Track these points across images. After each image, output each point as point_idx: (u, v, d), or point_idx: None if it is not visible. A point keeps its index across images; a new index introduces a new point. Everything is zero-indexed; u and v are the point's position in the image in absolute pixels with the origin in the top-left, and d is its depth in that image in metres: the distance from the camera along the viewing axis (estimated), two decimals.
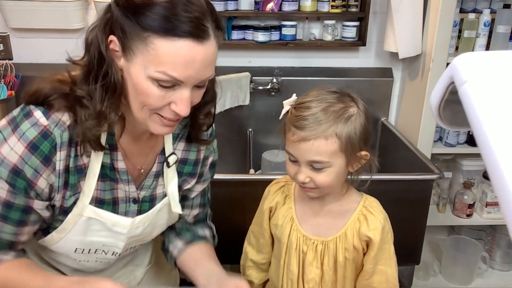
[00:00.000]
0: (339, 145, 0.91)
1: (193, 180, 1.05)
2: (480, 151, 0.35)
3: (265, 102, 2.03)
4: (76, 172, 0.86)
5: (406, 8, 1.76)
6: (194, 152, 1.02)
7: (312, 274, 1.02)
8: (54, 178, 0.84)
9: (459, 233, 2.21)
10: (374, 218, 0.99)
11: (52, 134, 0.81)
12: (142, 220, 0.98)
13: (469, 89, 0.36)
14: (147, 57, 0.76)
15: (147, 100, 0.80)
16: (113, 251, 0.99)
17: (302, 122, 0.91)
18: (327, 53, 2.05)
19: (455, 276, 2.07)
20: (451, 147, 1.97)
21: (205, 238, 1.11)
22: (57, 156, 0.82)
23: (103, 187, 0.91)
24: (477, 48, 1.86)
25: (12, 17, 1.85)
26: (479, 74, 0.36)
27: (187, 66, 0.76)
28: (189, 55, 0.76)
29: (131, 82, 0.80)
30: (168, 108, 0.81)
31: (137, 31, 0.75)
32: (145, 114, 0.83)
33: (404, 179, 1.53)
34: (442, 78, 0.41)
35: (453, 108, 0.41)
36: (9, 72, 1.84)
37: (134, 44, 0.76)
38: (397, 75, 2.09)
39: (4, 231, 0.86)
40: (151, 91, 0.78)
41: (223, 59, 2.01)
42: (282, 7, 1.89)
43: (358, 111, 0.93)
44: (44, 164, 0.82)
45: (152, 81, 0.78)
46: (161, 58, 0.75)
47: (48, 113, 0.82)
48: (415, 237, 1.58)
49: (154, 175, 0.98)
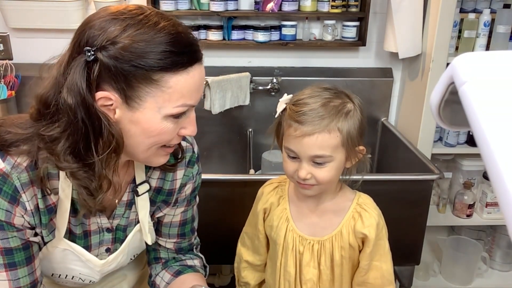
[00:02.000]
0: (340, 139, 0.91)
1: (167, 208, 1.00)
2: (480, 151, 0.35)
3: (265, 102, 2.03)
4: (47, 212, 0.82)
5: (406, 8, 1.76)
6: (169, 182, 0.97)
7: (310, 275, 1.02)
8: (28, 218, 0.80)
9: (459, 233, 2.21)
10: (369, 215, 0.99)
11: (9, 177, 0.76)
12: (115, 258, 0.95)
13: (469, 89, 0.36)
14: (161, 98, 0.74)
15: (162, 138, 0.78)
16: (90, 280, 0.96)
17: (304, 117, 0.91)
18: (327, 53, 2.05)
19: (455, 276, 2.07)
20: (451, 147, 1.97)
21: (194, 268, 1.06)
22: (23, 197, 0.78)
23: (74, 222, 0.87)
24: (477, 48, 1.85)
25: (12, 17, 1.85)
26: (479, 74, 0.36)
27: (199, 89, 0.78)
28: (199, 79, 0.78)
29: (138, 129, 0.76)
30: (177, 136, 0.81)
31: (145, 76, 0.71)
32: (151, 152, 0.81)
33: (404, 179, 1.53)
34: (442, 78, 0.41)
35: (453, 108, 0.41)
36: (9, 72, 1.84)
37: (142, 90, 0.72)
38: (397, 75, 2.09)
39: (20, 277, 0.81)
40: (167, 128, 0.77)
41: (223, 59, 2.02)
42: (282, 7, 1.89)
43: (355, 106, 0.95)
44: (13, 203, 0.77)
45: (169, 118, 0.76)
46: (179, 92, 0.75)
47: (3, 156, 0.77)
48: (415, 237, 1.58)
49: (125, 204, 0.93)
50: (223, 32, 1.92)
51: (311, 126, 0.90)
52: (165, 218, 1.02)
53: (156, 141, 0.79)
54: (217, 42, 1.93)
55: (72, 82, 0.72)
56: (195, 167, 1.00)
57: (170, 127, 0.77)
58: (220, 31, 1.92)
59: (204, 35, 1.93)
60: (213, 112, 1.88)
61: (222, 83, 1.87)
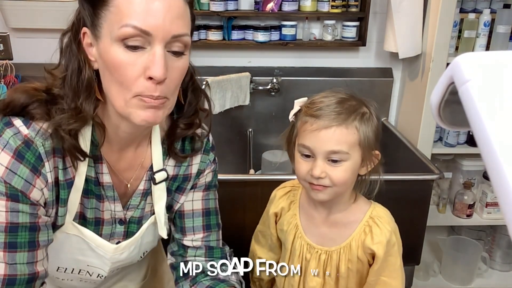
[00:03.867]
0: (358, 138, 0.90)
1: (182, 197, 0.95)
2: (480, 151, 0.35)
3: (265, 102, 2.03)
4: (67, 186, 0.79)
5: (406, 8, 1.76)
6: (184, 167, 0.93)
7: (314, 283, 1.00)
8: (47, 192, 0.77)
9: (459, 233, 2.21)
10: (380, 231, 0.95)
11: (33, 144, 0.74)
12: (127, 245, 0.91)
13: (469, 89, 0.36)
14: (110, 20, 0.71)
15: (120, 73, 0.71)
16: (98, 273, 0.91)
17: (320, 111, 0.89)
18: (327, 53, 2.05)
19: (455, 276, 2.07)
20: (451, 147, 1.97)
21: (227, 282, 0.93)
22: (46, 168, 0.76)
23: (86, 204, 0.84)
24: (477, 48, 1.85)
25: (12, 17, 1.85)
26: (482, 73, 0.36)
27: (148, 12, 0.69)
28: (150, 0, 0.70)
29: (104, 64, 0.73)
30: (144, 80, 0.72)
31: (99, 0, 0.72)
32: (125, 102, 0.74)
33: (404, 179, 1.53)
34: (442, 78, 0.41)
35: (453, 108, 0.41)
36: (9, 72, 1.84)
37: (100, 16, 0.72)
38: (397, 75, 2.09)
39: (18, 263, 0.74)
40: (120, 58, 0.71)
41: (223, 59, 2.02)
42: (282, 7, 1.89)
43: (370, 111, 0.94)
44: (34, 173, 0.75)
45: (118, 44, 0.70)
46: (122, 10, 0.69)
47: (28, 122, 0.75)
48: (415, 237, 1.58)
49: (141, 193, 0.90)
50: (223, 32, 1.93)
51: (328, 119, 0.88)
52: (186, 206, 0.96)
53: (117, 78, 0.72)
54: (217, 42, 1.93)
55: (68, 29, 0.78)
56: (210, 155, 0.96)
57: (125, 58, 0.71)
58: (220, 31, 1.92)
59: (204, 35, 1.93)
60: (213, 112, 1.88)
61: (222, 83, 1.87)
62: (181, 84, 0.80)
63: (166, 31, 0.70)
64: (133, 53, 0.71)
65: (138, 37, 0.70)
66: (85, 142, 0.79)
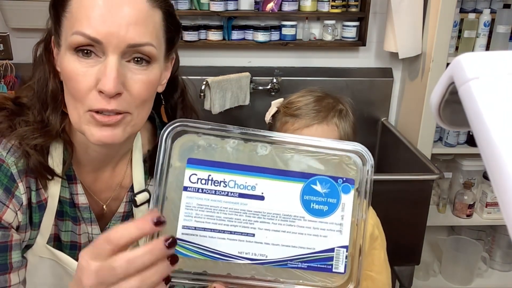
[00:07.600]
0: (338, 135, 0.91)
1: None
2: (480, 151, 0.35)
3: (265, 102, 2.03)
4: (39, 209, 0.73)
5: (406, 8, 1.76)
6: None
7: None
8: (21, 216, 0.70)
9: (459, 233, 2.21)
10: None
11: (4, 163, 0.68)
12: None
13: (469, 88, 0.36)
14: (66, 27, 0.65)
15: (72, 84, 0.65)
16: None
17: (299, 111, 0.90)
18: (327, 53, 2.05)
19: (455, 276, 2.07)
20: (451, 147, 1.97)
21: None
22: (20, 189, 0.69)
23: (61, 227, 0.78)
24: (477, 48, 1.86)
25: (12, 17, 1.85)
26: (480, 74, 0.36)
27: (100, 18, 0.62)
28: (104, 4, 0.62)
29: (62, 74, 0.69)
30: (96, 93, 0.64)
31: (59, 5, 0.66)
32: (79, 117, 0.67)
33: (404, 179, 1.53)
34: (442, 78, 0.41)
35: (453, 108, 0.41)
36: (9, 72, 1.84)
37: (61, 23, 0.67)
38: (397, 75, 2.09)
39: None
40: (71, 68, 0.64)
41: (223, 59, 2.03)
42: (282, 7, 1.89)
43: (346, 107, 0.95)
44: (7, 195, 0.68)
45: (71, 52, 0.64)
46: (74, 16, 0.63)
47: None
48: (415, 237, 1.58)
49: (121, 216, 0.82)
50: (223, 32, 1.93)
51: (309, 118, 0.89)
52: None
53: (71, 90, 0.66)
54: (217, 42, 1.93)
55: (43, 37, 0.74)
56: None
57: (77, 68, 0.64)
58: (220, 31, 1.92)
59: (204, 35, 1.93)
60: (213, 112, 1.88)
61: (222, 83, 1.87)
62: (169, 100, 0.76)
63: (120, 40, 0.62)
64: (86, 62, 0.64)
65: (88, 46, 0.63)
66: (56, 161, 0.73)
